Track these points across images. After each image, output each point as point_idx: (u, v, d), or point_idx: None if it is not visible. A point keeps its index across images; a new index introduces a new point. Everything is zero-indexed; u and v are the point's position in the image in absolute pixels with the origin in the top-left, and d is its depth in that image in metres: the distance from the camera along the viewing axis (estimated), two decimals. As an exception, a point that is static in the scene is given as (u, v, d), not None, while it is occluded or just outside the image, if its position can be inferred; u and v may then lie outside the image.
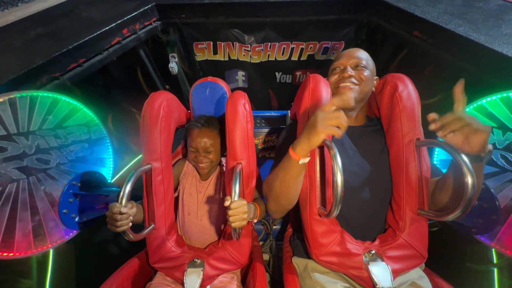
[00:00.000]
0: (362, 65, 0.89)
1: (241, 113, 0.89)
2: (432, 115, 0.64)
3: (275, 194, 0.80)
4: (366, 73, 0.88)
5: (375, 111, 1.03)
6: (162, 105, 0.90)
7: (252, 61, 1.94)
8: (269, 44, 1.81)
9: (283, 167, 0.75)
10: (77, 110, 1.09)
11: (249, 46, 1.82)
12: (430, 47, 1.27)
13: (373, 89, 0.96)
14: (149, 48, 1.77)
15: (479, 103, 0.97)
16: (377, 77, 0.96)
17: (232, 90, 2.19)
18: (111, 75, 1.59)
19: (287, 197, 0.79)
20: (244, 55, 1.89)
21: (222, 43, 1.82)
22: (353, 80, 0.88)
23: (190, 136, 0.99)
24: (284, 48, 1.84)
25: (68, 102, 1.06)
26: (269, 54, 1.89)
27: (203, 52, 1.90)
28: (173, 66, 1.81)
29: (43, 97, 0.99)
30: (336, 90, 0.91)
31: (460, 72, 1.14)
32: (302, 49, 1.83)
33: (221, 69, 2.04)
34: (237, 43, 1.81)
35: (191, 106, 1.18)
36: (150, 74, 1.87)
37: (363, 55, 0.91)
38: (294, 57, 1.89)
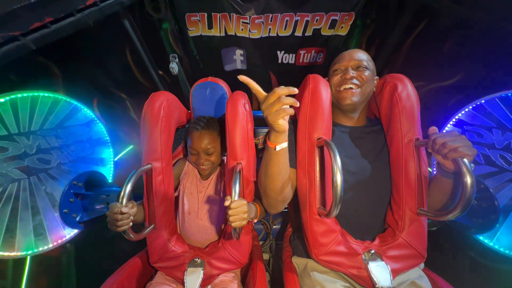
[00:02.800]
0: (363, 66, 0.89)
1: (241, 113, 0.89)
2: (433, 129, 0.74)
3: (263, 187, 0.83)
4: (367, 73, 0.89)
5: (375, 111, 1.03)
6: (163, 105, 0.91)
7: (251, 36, 1.71)
8: (270, 15, 1.59)
9: (265, 158, 0.78)
10: (78, 110, 1.09)
11: (248, 18, 1.61)
12: (458, 9, 1.10)
13: (374, 89, 0.96)
14: (139, 26, 1.59)
15: (478, 103, 0.97)
16: (377, 77, 0.97)
17: (231, 72, 2.02)
18: (93, 50, 1.40)
19: (274, 189, 0.81)
20: (242, 29, 1.68)
21: (218, 15, 1.61)
22: (355, 81, 0.88)
23: (190, 139, 0.99)
24: (287, 20, 1.62)
25: (69, 102, 1.06)
26: (270, 28, 1.67)
27: (196, 26, 1.68)
28: (174, 66, 1.77)
29: (44, 97, 0.99)
30: (338, 94, 0.91)
31: (497, 34, 0.98)
32: (307, 21, 1.62)
33: (217, 47, 1.82)
34: (234, 15, 1.59)
35: (192, 107, 1.18)
36: (141, 57, 1.69)
37: (363, 56, 0.92)
38: (298, 32, 1.67)
